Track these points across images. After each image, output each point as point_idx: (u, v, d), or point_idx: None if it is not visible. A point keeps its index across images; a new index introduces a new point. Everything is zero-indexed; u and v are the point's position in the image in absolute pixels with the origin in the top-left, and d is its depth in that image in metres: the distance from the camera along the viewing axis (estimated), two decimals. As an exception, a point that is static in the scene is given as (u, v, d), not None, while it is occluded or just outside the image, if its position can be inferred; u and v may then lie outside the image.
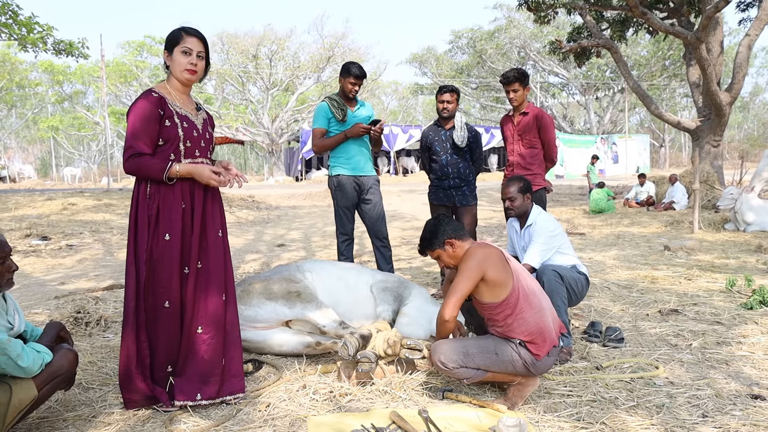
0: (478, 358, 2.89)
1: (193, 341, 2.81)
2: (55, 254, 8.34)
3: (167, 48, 2.84)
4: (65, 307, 4.91)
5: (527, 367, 2.87)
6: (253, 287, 3.63)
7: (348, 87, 4.88)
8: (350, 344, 3.08)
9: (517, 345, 2.87)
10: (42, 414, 2.80)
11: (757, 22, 12.41)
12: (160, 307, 2.76)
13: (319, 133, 4.96)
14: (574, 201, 17.65)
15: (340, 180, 4.96)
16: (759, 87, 58.66)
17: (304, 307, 3.52)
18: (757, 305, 4.47)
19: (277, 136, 36.52)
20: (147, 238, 2.74)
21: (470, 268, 2.85)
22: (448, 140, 5.15)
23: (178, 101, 2.86)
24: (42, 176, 46.08)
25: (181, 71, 2.82)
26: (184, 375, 2.81)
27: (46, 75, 41.19)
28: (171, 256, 2.75)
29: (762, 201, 9.82)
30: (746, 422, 2.60)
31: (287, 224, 12.83)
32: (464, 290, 2.84)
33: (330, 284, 3.85)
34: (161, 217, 2.75)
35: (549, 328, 2.91)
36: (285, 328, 3.65)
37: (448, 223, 3.04)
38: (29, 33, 15.23)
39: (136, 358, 2.76)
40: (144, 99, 2.77)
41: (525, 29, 39.13)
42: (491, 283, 2.85)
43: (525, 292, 2.89)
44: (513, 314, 2.86)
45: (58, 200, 13.97)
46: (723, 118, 13.36)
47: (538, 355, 2.85)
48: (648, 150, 39.13)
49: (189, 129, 2.85)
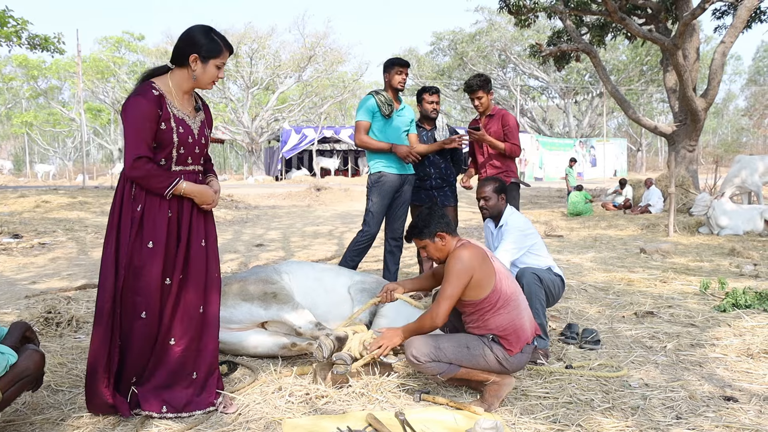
0: (450, 351, 2.89)
1: (165, 351, 2.71)
2: (27, 252, 8.15)
3: (201, 54, 2.66)
4: (36, 306, 4.79)
5: (500, 362, 2.88)
6: (229, 288, 3.57)
7: (396, 78, 4.79)
8: (325, 346, 3.05)
9: (489, 340, 2.90)
10: (8, 417, 2.72)
11: (732, 29, 12.64)
12: (136, 316, 2.65)
13: (363, 127, 4.81)
14: (552, 203, 17.80)
15: (386, 177, 4.81)
16: (732, 93, 59.94)
17: (279, 308, 3.47)
18: (730, 308, 4.54)
19: (257, 135, 36.28)
20: (128, 240, 2.62)
21: (459, 271, 2.85)
22: (429, 141, 5.14)
23: (177, 101, 2.72)
24: (16, 172, 45.15)
25: (209, 83, 2.74)
26: (149, 384, 2.71)
27: (21, 69, 40.40)
28: (153, 266, 2.63)
29: (735, 205, 10.01)
30: (719, 424, 2.63)
31: (266, 224, 12.73)
32: (455, 294, 2.86)
33: (307, 285, 3.82)
34: (146, 223, 2.63)
35: (524, 327, 2.93)
36: (260, 330, 3.60)
37: (442, 217, 3.06)
38: (3, 27, 14.93)
39: (105, 362, 2.64)
40: (143, 96, 2.60)
41: (506, 32, 39.43)
42: (475, 283, 2.87)
43: (505, 292, 2.91)
44: (491, 311, 2.89)
45: (32, 197, 13.71)
46: (698, 124, 13.59)
47: (511, 350, 2.88)
48: (625, 154, 39.70)
49: (185, 135, 2.70)
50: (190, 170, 2.78)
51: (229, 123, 37.16)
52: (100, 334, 2.65)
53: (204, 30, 2.70)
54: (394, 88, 4.85)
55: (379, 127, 4.83)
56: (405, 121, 4.96)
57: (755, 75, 56.33)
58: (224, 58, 2.73)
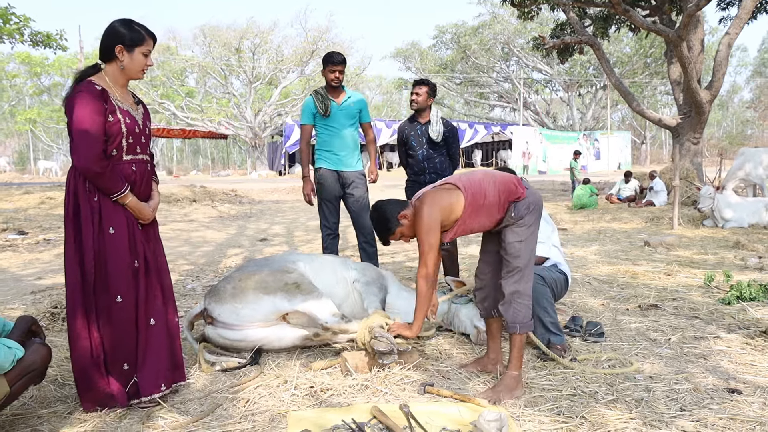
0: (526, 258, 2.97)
1: (149, 333, 2.79)
2: (32, 249, 8.20)
3: (126, 44, 2.74)
4: (42, 302, 4.82)
5: (528, 210, 2.97)
6: (245, 283, 3.44)
7: (329, 76, 4.86)
8: (383, 339, 3.06)
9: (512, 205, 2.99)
10: (16, 411, 2.74)
11: (737, 20, 12.55)
12: (112, 302, 2.70)
13: (304, 132, 4.97)
14: (556, 197, 17.77)
15: (321, 173, 4.94)
16: (737, 85, 59.63)
17: (304, 298, 3.37)
18: (735, 300, 4.53)
19: (260, 130, 36.29)
20: (92, 231, 2.67)
21: (428, 225, 2.91)
22: (423, 135, 5.10)
23: (118, 95, 2.79)
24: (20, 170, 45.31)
25: (138, 71, 2.82)
26: (145, 369, 2.77)
27: (24, 66, 40.47)
28: (119, 250, 2.71)
29: (740, 198, 9.97)
30: (723, 416, 2.63)
31: (270, 219, 12.75)
32: (433, 242, 2.92)
33: (323, 276, 3.80)
34: (103, 212, 2.70)
35: (504, 181, 3.02)
36: (283, 324, 3.47)
37: (389, 203, 3.09)
38: (5, 24, 14.95)
39: (90, 356, 2.68)
40: (88, 92, 2.64)
41: (509, 25, 39.28)
42: (447, 216, 2.96)
43: (473, 189, 2.97)
44: (482, 206, 2.96)
45: (36, 194, 13.76)
46: (703, 116, 13.52)
47: (519, 196, 2.98)
48: (629, 147, 39.57)
49: (131, 124, 2.78)
50: (140, 159, 2.86)
51: (232, 118, 37.17)
52: (80, 330, 2.68)
53: (124, 21, 2.79)
54: (329, 84, 4.91)
55: (323, 125, 4.92)
56: (351, 113, 4.98)
57: (761, 67, 56.02)
58: (149, 46, 2.81)
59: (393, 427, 2.51)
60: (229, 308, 3.38)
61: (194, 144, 58.91)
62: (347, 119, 4.97)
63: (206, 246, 8.68)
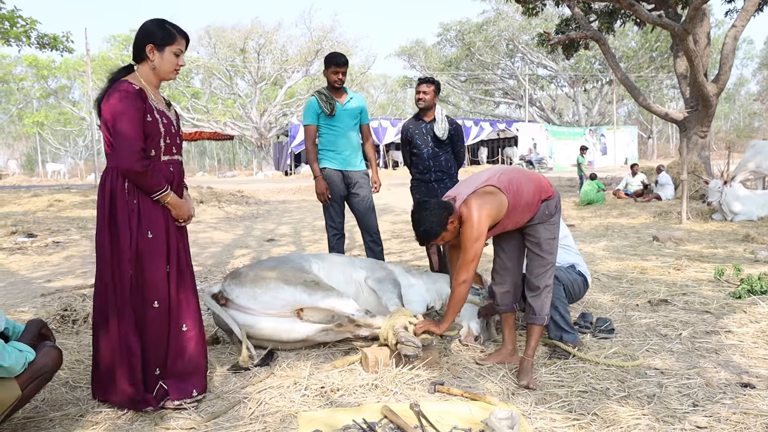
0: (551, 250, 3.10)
1: (181, 339, 2.78)
2: (42, 251, 8.24)
3: (156, 43, 2.71)
4: (52, 304, 4.84)
5: (556, 207, 3.10)
6: (266, 273, 3.48)
7: (332, 77, 4.85)
8: (410, 341, 3.06)
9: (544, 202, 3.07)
10: (28, 414, 2.76)
11: (743, 13, 12.46)
12: (149, 307, 2.70)
13: (309, 132, 4.94)
14: (563, 193, 17.69)
15: (326, 173, 4.93)
16: (744, 78, 59.16)
17: (325, 295, 3.39)
18: (746, 294, 4.50)
19: (266, 130, 36.33)
20: (130, 234, 2.66)
21: (478, 232, 2.91)
22: (429, 133, 5.08)
23: (152, 95, 2.77)
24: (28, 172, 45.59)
25: (170, 71, 2.79)
26: (176, 374, 2.78)
27: (31, 70, 40.70)
28: (157, 255, 2.70)
29: (748, 191, 9.90)
30: (736, 410, 2.61)
31: (277, 219, 12.76)
32: (479, 250, 2.95)
33: (335, 275, 3.80)
34: (142, 213, 2.69)
35: (536, 180, 3.12)
36: (294, 318, 3.47)
37: (437, 206, 2.99)
38: (12, 27, 15.00)
39: (122, 359, 2.68)
40: (127, 91, 2.63)
41: (513, 21, 39.12)
42: (497, 217, 2.99)
43: (513, 189, 2.99)
44: (522, 203, 3.00)
45: (45, 197, 13.83)
46: (710, 109, 13.43)
47: (551, 195, 3.08)
48: (636, 141, 39.36)
49: (168, 125, 2.78)
50: (176, 160, 2.87)
51: (238, 119, 37.24)
52: (112, 332, 2.68)
53: (156, 21, 2.78)
54: (332, 85, 4.89)
55: (327, 125, 4.90)
56: (353, 113, 4.97)
57: (767, 59, 55.56)
58: (180, 45, 2.77)
59: (404, 426, 2.51)
60: (248, 291, 3.41)
61: (200, 145, 59.10)
62: (350, 119, 4.97)
63: (214, 247, 8.70)
